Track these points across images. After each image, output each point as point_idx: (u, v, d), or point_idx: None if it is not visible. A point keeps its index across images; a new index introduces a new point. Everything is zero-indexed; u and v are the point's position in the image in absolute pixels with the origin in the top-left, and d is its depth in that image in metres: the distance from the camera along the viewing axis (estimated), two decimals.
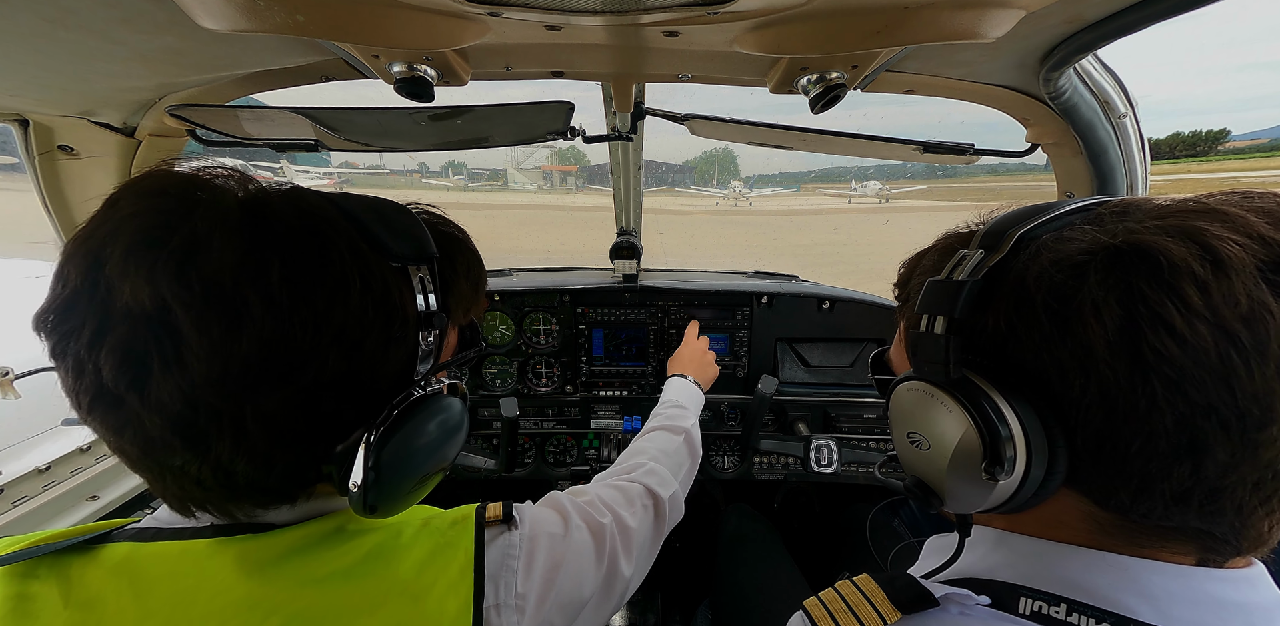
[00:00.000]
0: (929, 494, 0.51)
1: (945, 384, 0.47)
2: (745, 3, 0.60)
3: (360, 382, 0.48)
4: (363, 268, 0.47)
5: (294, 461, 0.47)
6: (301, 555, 0.49)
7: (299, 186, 0.50)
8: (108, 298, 0.40)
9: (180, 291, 0.40)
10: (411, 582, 0.51)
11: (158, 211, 0.42)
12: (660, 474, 0.91)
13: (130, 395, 0.40)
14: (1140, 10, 0.67)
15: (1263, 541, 0.42)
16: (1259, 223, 0.38)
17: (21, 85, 0.79)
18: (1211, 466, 0.38)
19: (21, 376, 1.13)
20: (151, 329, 0.40)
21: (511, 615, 0.54)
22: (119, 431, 0.43)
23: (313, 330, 0.43)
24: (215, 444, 0.43)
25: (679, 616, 1.90)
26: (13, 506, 1.06)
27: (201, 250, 0.41)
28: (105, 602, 0.45)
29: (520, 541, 0.60)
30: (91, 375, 0.40)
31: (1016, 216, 0.48)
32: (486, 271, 0.68)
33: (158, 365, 0.40)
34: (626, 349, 1.91)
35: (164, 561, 0.48)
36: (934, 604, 0.46)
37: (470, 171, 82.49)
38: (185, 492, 0.46)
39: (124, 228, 0.41)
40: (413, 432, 0.50)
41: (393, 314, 0.49)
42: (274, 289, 0.42)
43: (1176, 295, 0.36)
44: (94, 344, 0.40)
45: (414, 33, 0.66)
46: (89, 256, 0.41)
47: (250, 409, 0.42)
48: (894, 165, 11.60)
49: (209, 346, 0.40)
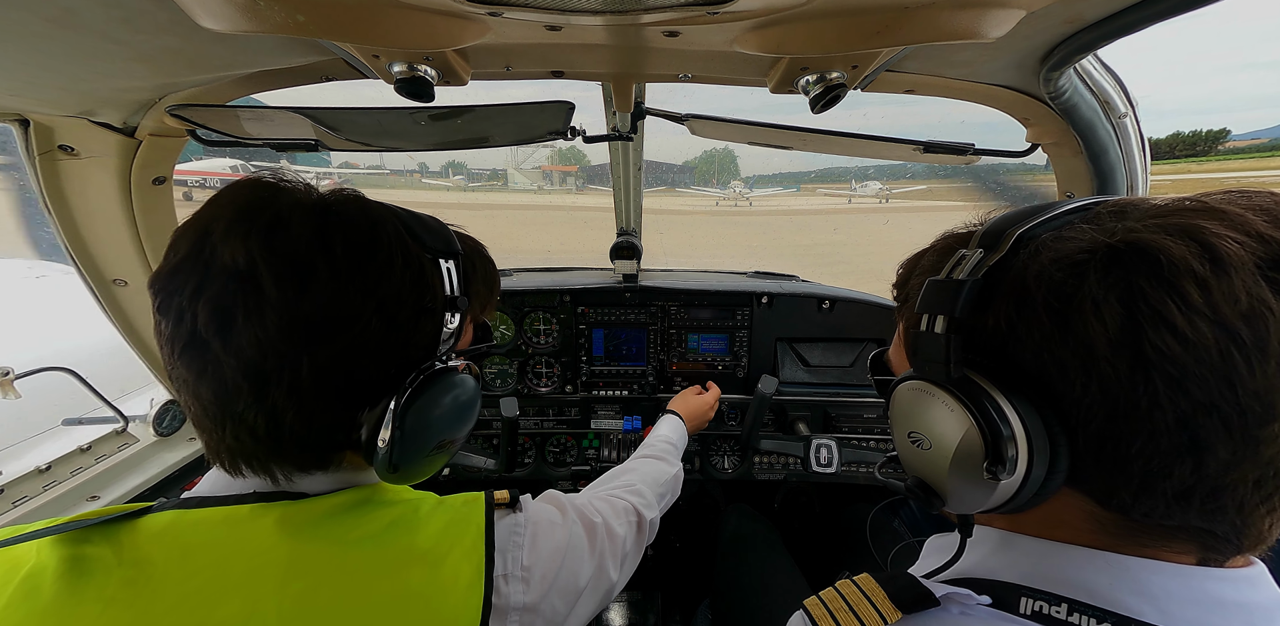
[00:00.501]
0: (930, 494, 0.51)
1: (946, 383, 0.47)
2: (745, 3, 0.60)
3: (394, 349, 0.57)
4: (404, 251, 0.58)
5: (331, 418, 0.55)
6: (334, 520, 0.56)
7: (360, 192, 0.62)
8: (210, 259, 0.50)
9: (266, 253, 0.50)
10: (430, 550, 0.56)
11: (253, 196, 0.54)
12: (646, 496, 0.97)
13: (215, 340, 0.50)
14: (1140, 10, 0.67)
15: (1263, 539, 0.42)
16: (1257, 221, 0.38)
17: (21, 85, 0.79)
18: (1213, 464, 0.38)
19: (21, 376, 1.13)
20: (241, 285, 0.50)
21: (518, 585, 0.61)
22: (201, 374, 0.51)
23: (362, 295, 0.53)
24: (274, 390, 0.51)
25: (679, 616, 1.90)
26: (13, 506, 1.06)
27: (284, 225, 0.52)
28: (154, 562, 0.50)
29: (525, 522, 0.66)
30: (189, 323, 0.50)
31: (1015, 216, 0.48)
32: (499, 277, 0.78)
33: (241, 315, 0.49)
34: (626, 349, 1.91)
35: (208, 526, 0.53)
36: (935, 603, 0.46)
37: (470, 171, 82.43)
38: (240, 444, 0.54)
39: (226, 208, 0.53)
40: (435, 397, 0.58)
41: (424, 291, 0.59)
42: (337, 259, 0.53)
43: (1177, 293, 0.36)
44: (195, 296, 0.50)
45: (414, 33, 0.66)
46: (198, 229, 0.52)
47: (307, 359, 0.51)
48: (894, 165, 11.56)
49: (283, 301, 0.50)
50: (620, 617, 1.89)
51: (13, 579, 0.48)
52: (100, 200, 1.07)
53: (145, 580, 0.49)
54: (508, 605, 0.60)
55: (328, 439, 0.56)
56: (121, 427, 1.32)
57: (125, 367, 1.40)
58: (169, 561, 0.50)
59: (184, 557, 0.51)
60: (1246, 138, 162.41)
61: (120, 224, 1.11)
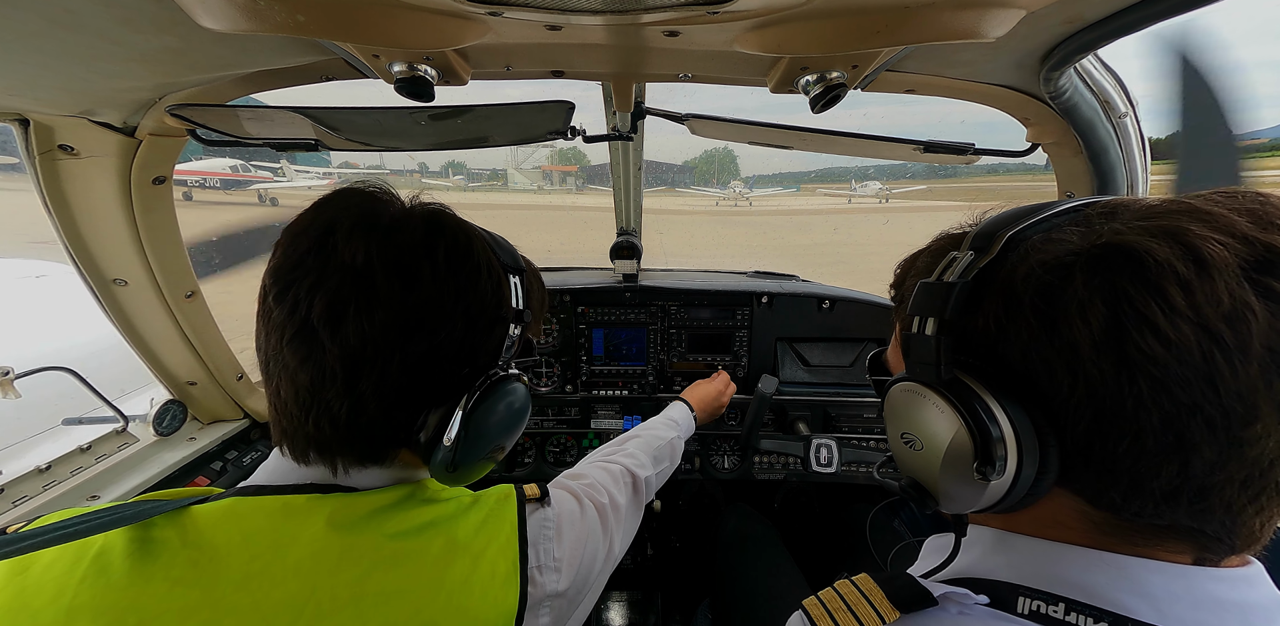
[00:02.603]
0: (923, 494, 0.51)
1: (936, 384, 0.47)
2: (745, 2, 0.60)
3: (469, 353, 0.61)
4: (488, 263, 0.63)
5: (404, 413, 0.59)
6: (382, 514, 0.59)
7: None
8: (331, 256, 0.55)
9: (384, 253, 0.55)
10: (468, 546, 0.60)
11: (370, 202, 0.60)
12: (639, 457, 1.04)
13: (325, 330, 0.54)
14: (1140, 10, 0.67)
15: (1256, 539, 0.43)
16: (1241, 222, 0.38)
17: (21, 85, 0.79)
18: (1199, 464, 0.38)
19: (21, 376, 1.13)
20: (357, 281, 0.54)
21: (551, 574, 0.65)
22: (305, 360, 0.55)
23: (454, 299, 0.58)
24: (364, 381, 0.55)
25: (679, 616, 1.90)
26: (13, 506, 1.06)
27: (400, 230, 0.58)
28: (216, 544, 0.53)
29: (552, 516, 0.71)
30: (303, 312, 0.54)
31: (1007, 218, 0.48)
32: (548, 298, 0.83)
33: (353, 309, 0.54)
34: (626, 349, 1.91)
35: (267, 512, 0.56)
36: (933, 603, 0.46)
37: (470, 171, 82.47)
38: (319, 432, 0.57)
39: (349, 210, 0.58)
40: (498, 401, 0.62)
41: (501, 301, 0.64)
42: (439, 263, 0.58)
43: (1160, 295, 0.37)
44: (314, 288, 0.54)
45: (414, 32, 0.67)
46: (322, 226, 0.57)
47: (399, 355, 0.56)
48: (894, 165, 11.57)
49: (390, 298, 0.55)
50: (620, 617, 1.89)
51: (85, 556, 0.51)
52: (100, 200, 1.07)
53: (209, 561, 0.52)
54: (543, 594, 0.64)
55: (394, 434, 0.60)
56: (121, 427, 1.32)
57: (124, 367, 1.40)
58: (230, 544, 0.53)
59: (245, 542, 0.54)
60: (1246, 138, 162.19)
61: (120, 224, 1.11)
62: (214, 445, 1.41)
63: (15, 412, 1.21)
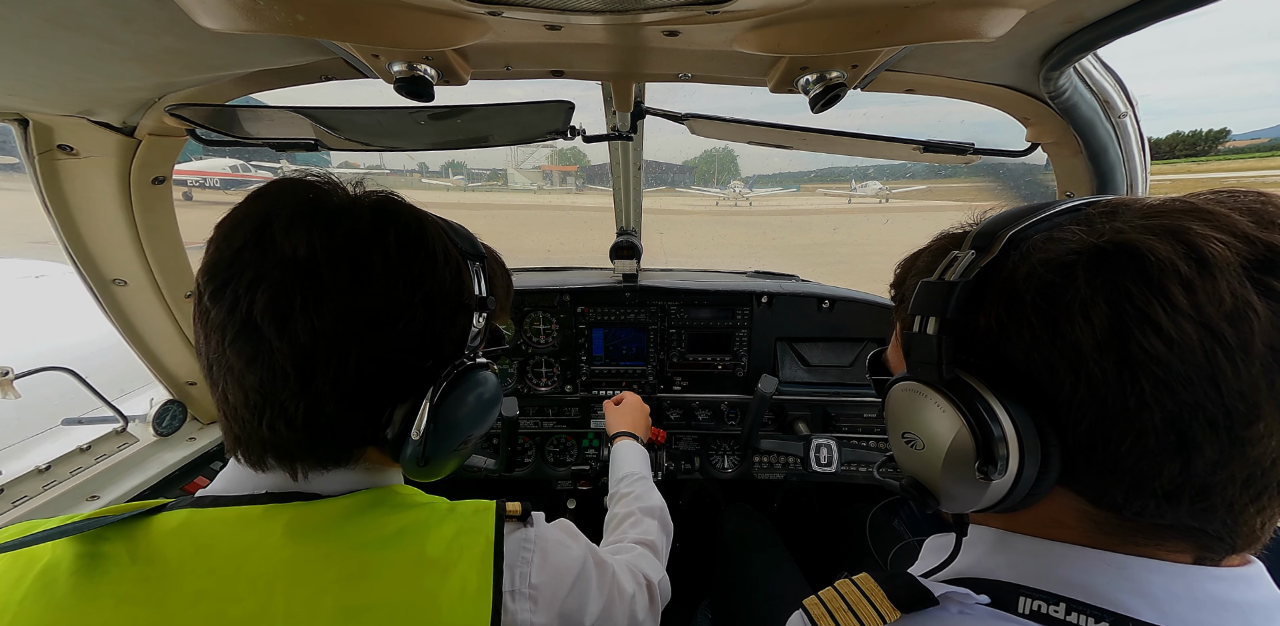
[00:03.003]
0: (925, 494, 0.51)
1: (938, 384, 0.47)
2: (745, 2, 0.60)
3: (432, 344, 0.58)
4: (445, 250, 0.60)
5: (366, 410, 0.56)
6: (347, 522, 0.56)
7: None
8: (270, 249, 0.51)
9: (327, 245, 0.52)
10: (439, 558, 0.56)
11: (309, 192, 0.56)
12: (648, 561, 0.92)
13: (270, 328, 0.51)
14: (1140, 10, 0.67)
15: (1256, 538, 0.43)
16: (1243, 221, 0.38)
17: (21, 85, 0.79)
18: (1201, 464, 0.38)
19: (21, 376, 1.13)
20: (300, 274, 0.51)
21: (525, 603, 0.60)
22: (251, 361, 0.52)
23: (410, 288, 0.56)
24: (320, 379, 0.52)
25: (679, 616, 1.90)
26: (13, 506, 1.06)
27: (344, 217, 0.54)
28: (168, 559, 0.51)
29: (535, 538, 0.65)
30: (244, 310, 0.51)
31: (1008, 217, 0.48)
32: (513, 284, 0.82)
33: (299, 303, 0.51)
34: (626, 349, 1.91)
35: (222, 524, 0.54)
36: (933, 602, 0.46)
37: (470, 171, 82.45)
38: (274, 435, 0.54)
39: (285, 200, 0.54)
40: (467, 391, 0.60)
41: (462, 288, 0.61)
42: (390, 251, 0.55)
43: (1162, 294, 0.37)
44: (253, 285, 0.51)
45: (414, 32, 0.66)
46: (258, 219, 0.53)
47: (356, 349, 0.53)
48: (894, 165, 11.56)
49: (340, 291, 0.52)
50: None
51: (29, 573, 0.49)
52: (100, 200, 1.07)
53: (160, 577, 0.50)
54: (514, 622, 0.59)
55: (358, 432, 0.57)
56: (121, 427, 1.32)
57: (124, 367, 1.40)
58: (183, 559, 0.51)
59: (198, 556, 0.51)
60: (1246, 138, 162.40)
61: (120, 224, 1.11)
62: (214, 445, 1.41)
63: (15, 413, 1.21)
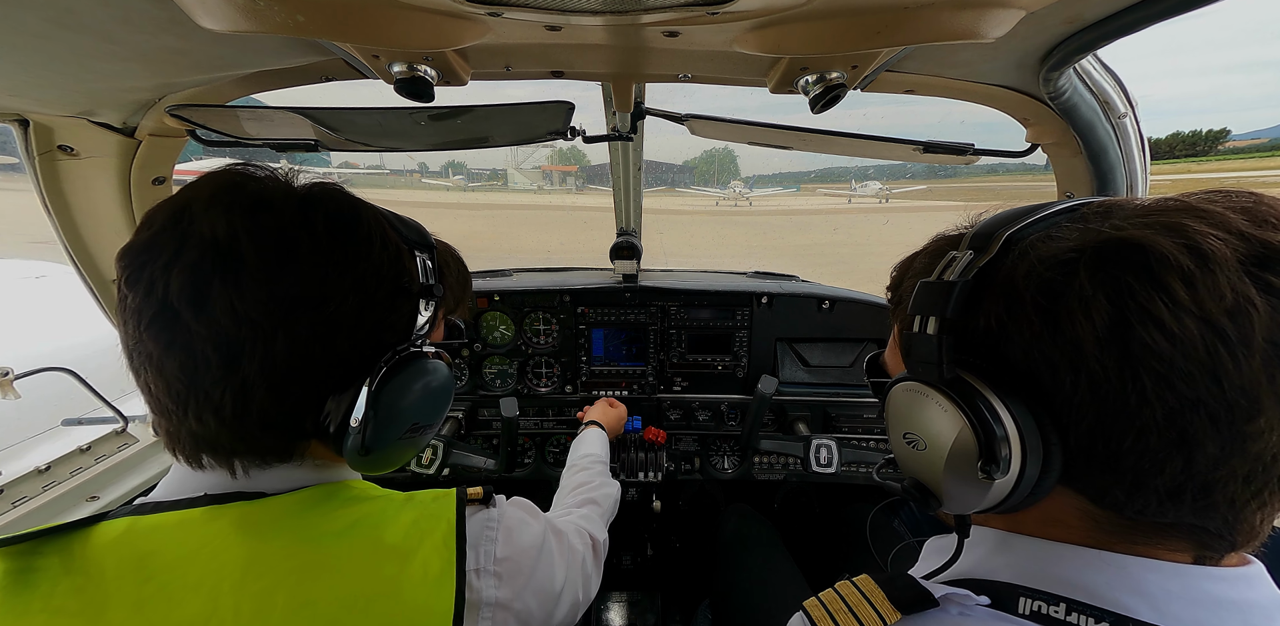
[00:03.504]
0: (927, 495, 0.51)
1: (939, 384, 0.47)
2: (745, 3, 0.60)
3: (369, 330, 0.57)
4: (383, 236, 0.59)
5: (302, 398, 0.54)
6: (296, 517, 0.55)
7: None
8: (189, 229, 0.50)
9: (251, 225, 0.51)
10: (399, 545, 0.55)
11: (234, 177, 0.54)
12: (596, 522, 1.00)
13: (188, 310, 0.49)
14: (1140, 10, 0.67)
15: (1255, 534, 0.43)
16: (1238, 219, 0.38)
17: (21, 85, 0.79)
18: (1202, 460, 0.38)
19: (21, 376, 1.13)
20: (220, 254, 0.49)
21: (490, 579, 0.60)
22: (169, 346, 0.50)
23: (340, 272, 0.54)
24: (247, 364, 0.50)
25: (679, 616, 1.90)
26: (13, 506, 1.06)
27: (268, 203, 0.53)
28: (105, 568, 0.50)
29: (498, 517, 0.65)
30: (159, 293, 0.49)
31: (1005, 218, 0.48)
32: (473, 278, 0.81)
33: (218, 284, 0.49)
34: (626, 349, 1.91)
35: (163, 530, 0.52)
36: (934, 604, 0.46)
37: (470, 171, 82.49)
38: (203, 428, 0.52)
39: (205, 187, 0.53)
40: (409, 378, 0.58)
41: (401, 273, 0.60)
42: (319, 235, 0.53)
43: (1164, 290, 0.37)
44: (168, 266, 0.49)
45: (414, 33, 0.66)
46: (176, 203, 0.52)
47: (283, 333, 0.51)
48: (894, 165, 11.58)
49: (263, 273, 0.50)
50: (620, 617, 1.89)
51: None
52: (100, 200, 1.07)
53: (95, 587, 0.49)
54: (480, 600, 0.59)
55: (295, 423, 0.55)
56: (121, 428, 1.32)
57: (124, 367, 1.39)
58: (121, 567, 0.50)
59: (138, 563, 0.50)
60: (1246, 138, 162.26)
61: (120, 224, 1.11)
62: None
63: (15, 413, 1.21)
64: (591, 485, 1.16)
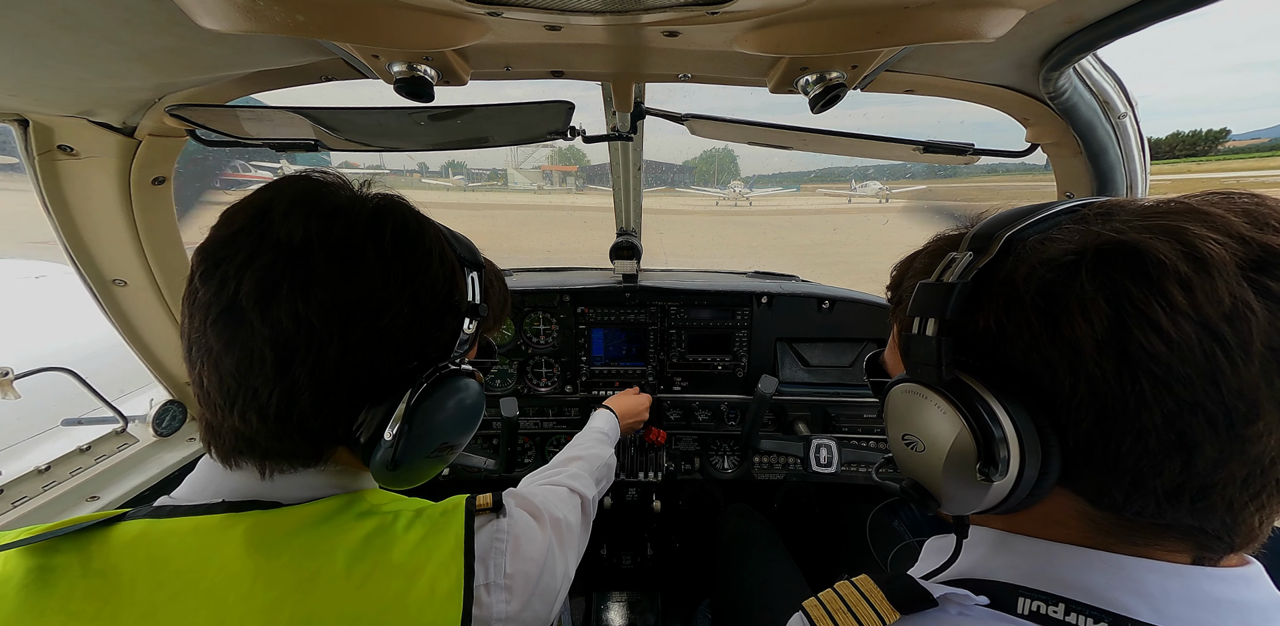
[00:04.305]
0: (925, 496, 0.51)
1: (938, 385, 0.47)
2: (745, 3, 0.60)
3: (416, 343, 0.59)
4: (441, 251, 0.61)
5: (342, 405, 0.55)
6: (308, 530, 0.55)
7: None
8: (266, 233, 0.52)
9: (324, 233, 0.53)
10: (405, 563, 0.55)
11: (315, 185, 0.57)
12: (583, 478, 1.01)
13: (254, 310, 0.50)
14: (1140, 10, 0.67)
15: (1254, 536, 0.43)
16: (1239, 222, 0.38)
17: (21, 85, 0.79)
18: (1201, 463, 0.38)
19: (21, 376, 1.13)
20: (292, 259, 0.51)
21: (500, 594, 0.60)
22: (230, 342, 0.51)
23: (400, 282, 0.56)
24: (298, 366, 0.52)
25: (679, 616, 1.90)
26: (13, 506, 1.06)
27: (344, 212, 0.55)
28: (121, 572, 0.50)
29: (506, 528, 0.65)
30: (231, 291, 0.50)
31: (1005, 218, 0.48)
32: (510, 300, 0.82)
33: (286, 287, 0.51)
34: (626, 349, 1.91)
35: (177, 535, 0.53)
36: (933, 604, 0.46)
37: (470, 171, 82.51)
38: (245, 425, 0.53)
39: (286, 191, 0.55)
40: (447, 396, 0.59)
41: (454, 291, 0.62)
42: (385, 246, 0.56)
43: (1161, 294, 0.37)
44: (244, 266, 0.51)
45: (414, 33, 0.66)
46: (258, 205, 0.54)
47: (338, 339, 0.52)
48: (894, 165, 11.58)
49: (330, 278, 0.52)
50: (620, 617, 1.89)
51: None
52: (100, 200, 1.07)
53: (111, 591, 0.49)
54: (489, 616, 0.58)
55: (330, 428, 0.56)
56: (121, 428, 1.32)
57: (124, 367, 1.40)
58: (136, 572, 0.50)
59: (152, 568, 0.50)
60: (1246, 137, 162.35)
61: (120, 224, 1.11)
62: None
63: (15, 413, 1.21)
64: (582, 445, 1.20)
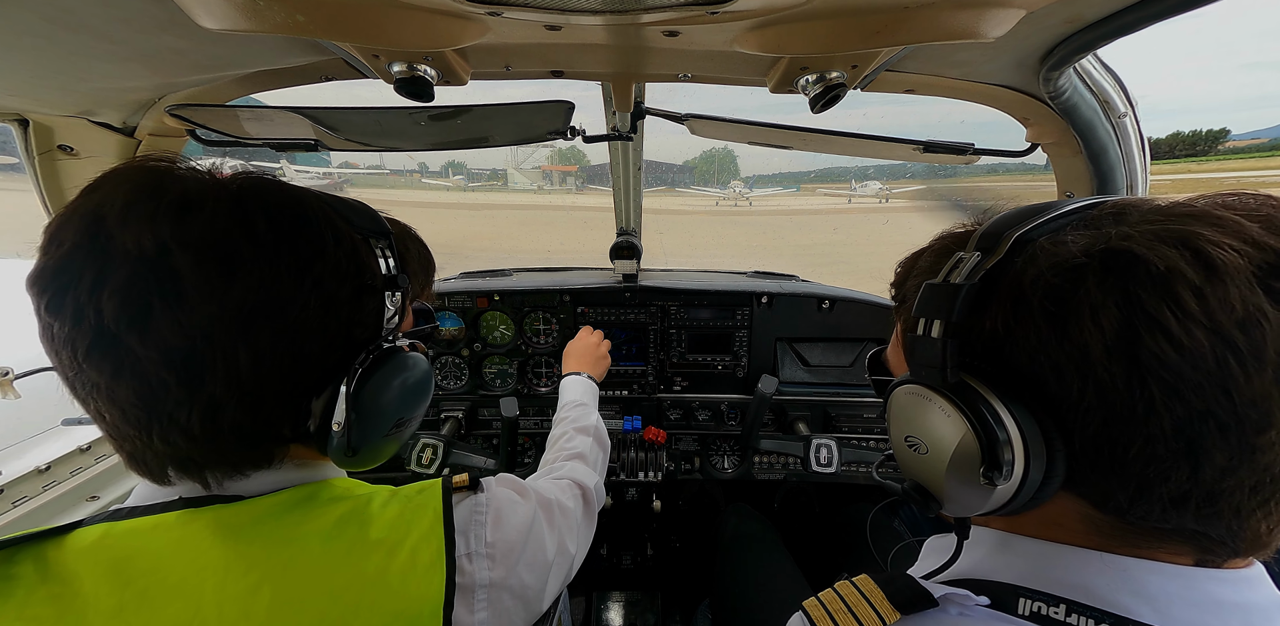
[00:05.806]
0: (927, 497, 0.51)
1: (942, 388, 0.47)
2: (745, 2, 0.60)
3: (338, 331, 0.54)
4: (334, 229, 0.55)
5: (278, 407, 0.52)
6: (275, 518, 0.53)
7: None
8: (108, 246, 0.44)
9: (181, 234, 0.45)
10: (384, 539, 0.54)
11: (149, 174, 0.48)
12: (581, 470, 1.00)
13: (130, 334, 0.44)
14: (1140, 10, 0.67)
15: (1261, 544, 0.42)
16: (1253, 227, 0.38)
17: (21, 85, 0.79)
18: (1209, 470, 0.37)
19: (21, 376, 1.13)
20: (153, 271, 0.45)
21: (483, 561, 0.60)
22: (116, 374, 0.46)
23: (294, 275, 0.50)
24: (210, 379, 0.47)
25: (679, 616, 1.90)
26: (13, 506, 1.06)
27: (195, 206, 0.47)
28: (81, 575, 0.48)
29: (486, 501, 0.65)
30: (91, 319, 0.44)
31: (1013, 218, 0.47)
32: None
33: (158, 303, 0.45)
34: (626, 349, 1.91)
35: (138, 534, 0.51)
36: (933, 604, 0.46)
37: (470, 171, 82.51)
38: (170, 448, 0.49)
39: (120, 189, 0.47)
40: (387, 376, 0.57)
41: (362, 268, 0.57)
42: (261, 239, 0.49)
43: (1173, 300, 0.36)
44: (94, 289, 0.44)
45: (414, 32, 0.66)
46: (87, 215, 0.46)
47: (244, 346, 0.48)
48: (894, 165, 11.58)
49: (208, 288, 0.46)
50: (620, 617, 1.89)
51: None
52: None
53: (73, 595, 0.48)
54: (473, 583, 0.58)
55: (274, 431, 0.53)
56: None
57: None
58: (98, 574, 0.49)
59: (115, 568, 0.49)
60: (1246, 137, 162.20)
61: None
62: None
63: (15, 413, 1.21)
64: (576, 422, 1.16)
